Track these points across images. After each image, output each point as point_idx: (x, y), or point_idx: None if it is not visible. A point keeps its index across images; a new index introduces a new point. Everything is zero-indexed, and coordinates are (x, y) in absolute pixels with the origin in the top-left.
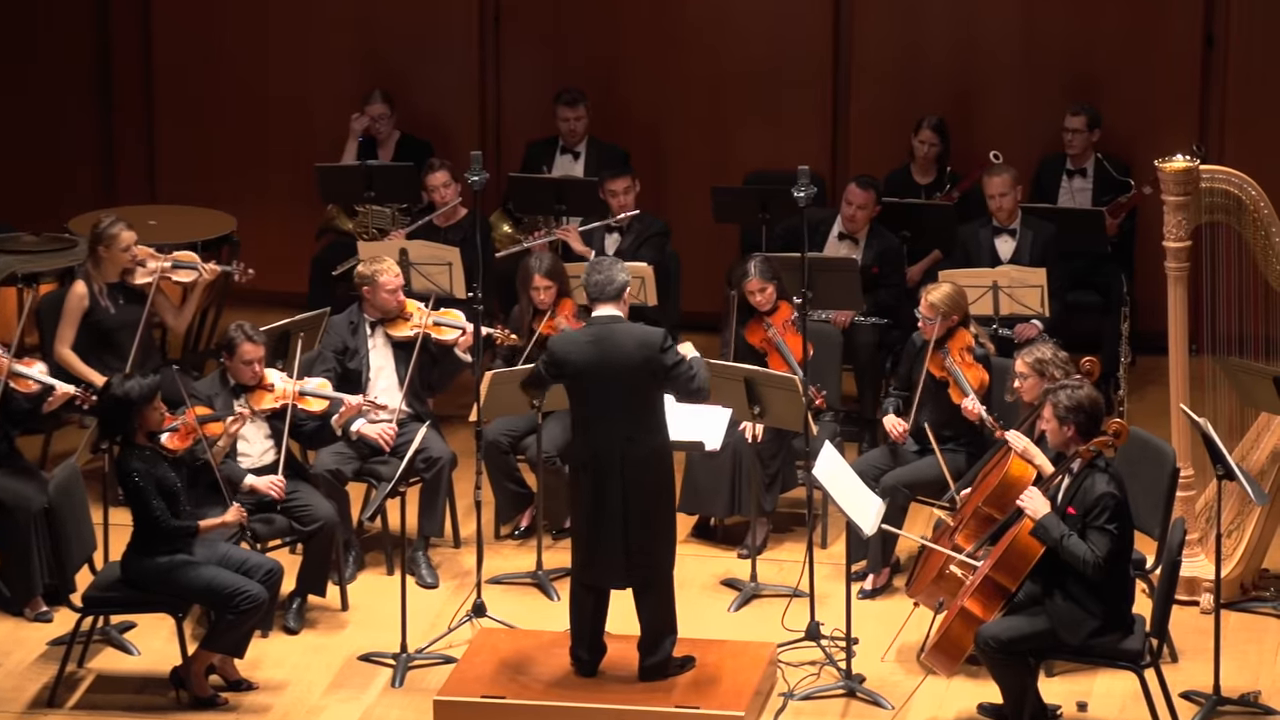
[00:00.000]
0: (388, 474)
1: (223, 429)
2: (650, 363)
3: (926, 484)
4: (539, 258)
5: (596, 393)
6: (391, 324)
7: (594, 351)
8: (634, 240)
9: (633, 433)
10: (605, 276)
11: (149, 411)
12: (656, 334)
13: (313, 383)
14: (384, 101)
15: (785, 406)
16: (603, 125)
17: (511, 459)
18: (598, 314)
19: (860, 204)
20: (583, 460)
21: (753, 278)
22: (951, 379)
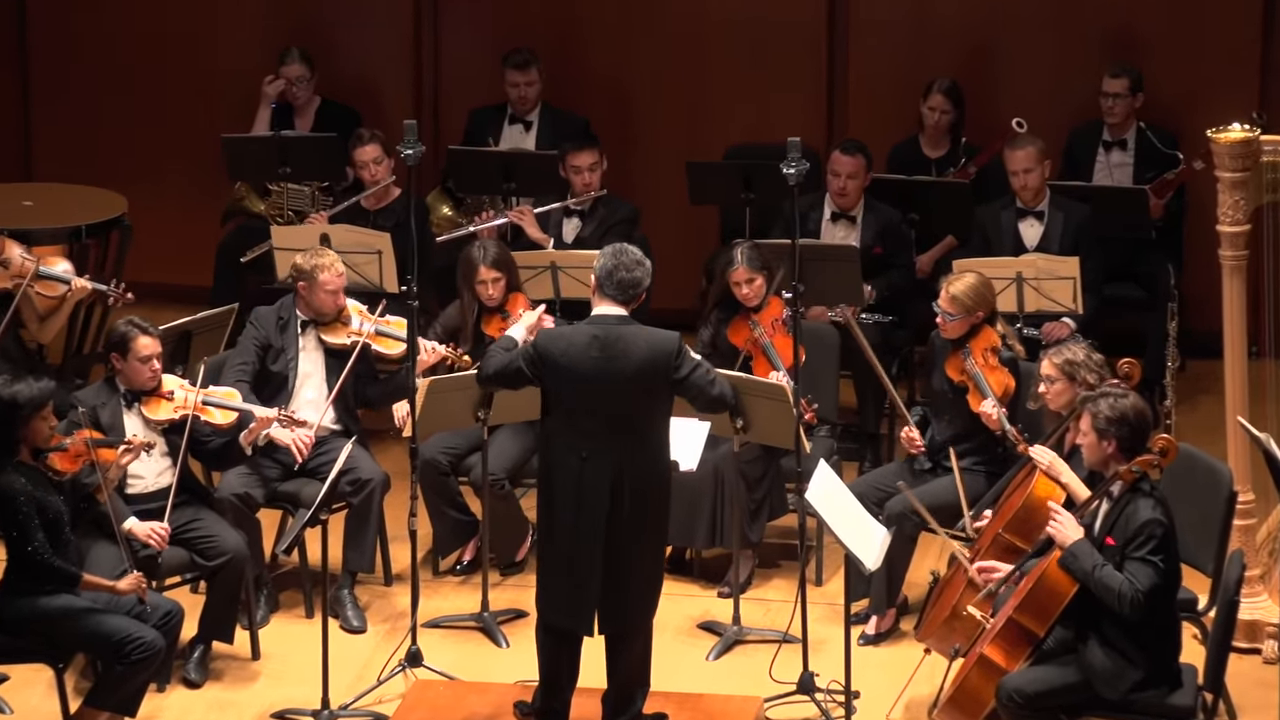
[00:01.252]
0: (307, 499)
1: (114, 456)
2: (660, 374)
3: (939, 509)
4: (483, 245)
5: (589, 405)
6: (327, 327)
7: (594, 357)
8: (598, 225)
9: (629, 454)
10: (631, 276)
11: (38, 422)
12: (670, 340)
13: (219, 391)
14: (302, 61)
15: (773, 419)
16: (559, 91)
17: (452, 482)
18: (602, 312)
19: (850, 172)
20: (561, 482)
21: (739, 266)
22: (971, 383)
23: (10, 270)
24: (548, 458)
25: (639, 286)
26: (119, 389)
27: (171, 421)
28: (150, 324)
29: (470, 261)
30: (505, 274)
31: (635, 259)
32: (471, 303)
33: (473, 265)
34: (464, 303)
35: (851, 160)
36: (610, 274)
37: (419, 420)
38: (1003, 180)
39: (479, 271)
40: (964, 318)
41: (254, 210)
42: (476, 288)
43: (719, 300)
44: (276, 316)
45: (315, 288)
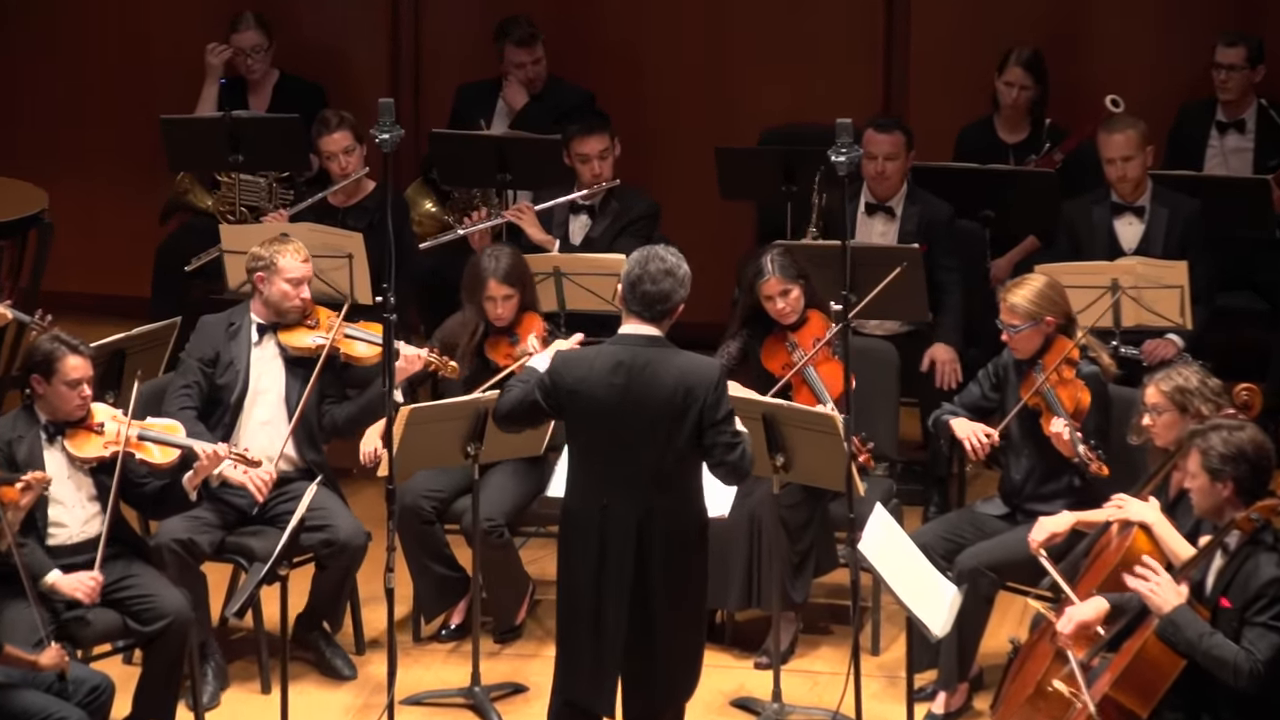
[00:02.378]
0: (262, 551)
1: (14, 496)
2: (694, 407)
3: (1020, 564)
4: (495, 254)
5: (609, 443)
6: (289, 330)
7: (618, 384)
8: (611, 224)
9: (656, 499)
10: (657, 289)
11: None
12: (710, 369)
13: (157, 424)
14: (257, 27)
15: (820, 455)
16: (560, 65)
17: (438, 531)
18: (630, 331)
19: (888, 153)
20: (580, 534)
21: (770, 276)
22: (1043, 403)
23: None
24: (566, 504)
25: (668, 300)
26: (39, 419)
27: (101, 459)
28: (80, 341)
29: (479, 273)
30: (519, 290)
31: (664, 267)
32: (475, 320)
33: (481, 278)
34: (466, 318)
35: (889, 138)
36: (634, 285)
37: (397, 456)
38: (1095, 170)
39: (488, 286)
40: (1031, 328)
41: (199, 206)
42: (484, 304)
43: (748, 316)
44: (226, 323)
45: (275, 277)
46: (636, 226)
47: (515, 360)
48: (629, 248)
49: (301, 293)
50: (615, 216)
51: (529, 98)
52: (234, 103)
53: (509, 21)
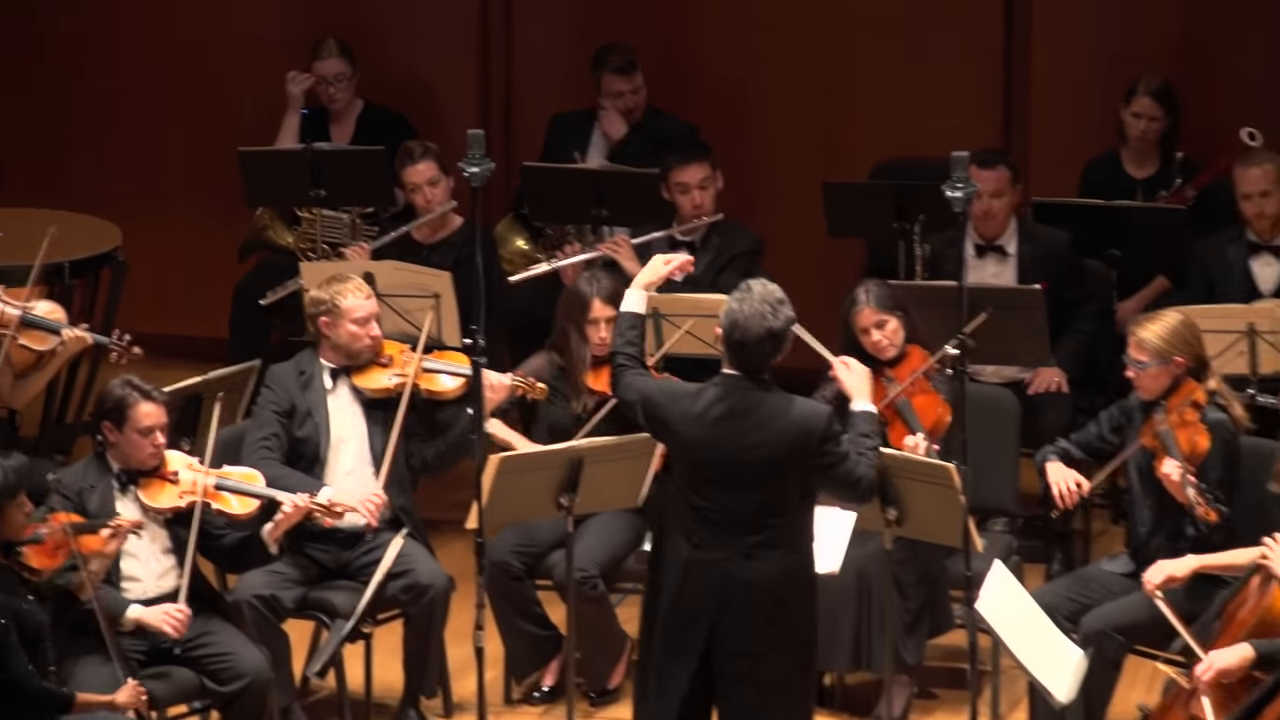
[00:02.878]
0: (345, 607)
1: (100, 544)
2: (797, 457)
3: (1149, 626)
4: (595, 277)
5: (707, 482)
6: (362, 372)
7: (715, 427)
8: (712, 260)
9: (753, 548)
10: (761, 351)
11: (12, 510)
12: (818, 418)
13: (236, 472)
14: (340, 55)
15: (934, 509)
16: (660, 96)
17: (529, 587)
18: (735, 371)
19: (993, 190)
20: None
21: (864, 307)
22: (1159, 444)
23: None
24: (658, 537)
25: (773, 358)
26: (111, 467)
27: (177, 510)
28: (153, 386)
29: (580, 297)
30: None
31: (762, 330)
32: (581, 347)
33: (583, 301)
34: (571, 349)
35: (993, 174)
36: (736, 347)
37: (486, 508)
38: (1229, 206)
39: (591, 307)
40: (1159, 366)
41: (279, 243)
42: (587, 329)
43: (845, 353)
44: (296, 371)
45: (340, 320)
46: (739, 263)
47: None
48: (732, 285)
49: (370, 331)
50: (717, 252)
51: (628, 129)
52: (315, 134)
53: (607, 49)
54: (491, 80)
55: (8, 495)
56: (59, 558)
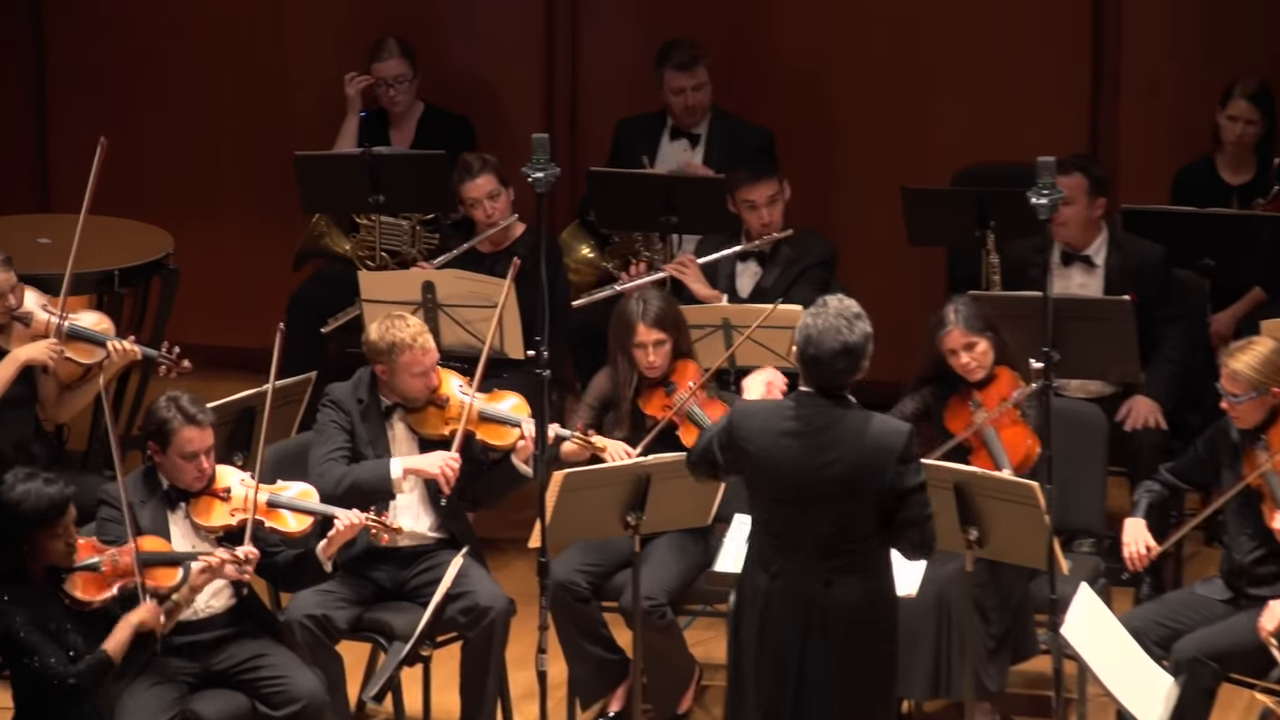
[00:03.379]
0: (403, 628)
1: (173, 579)
2: (877, 476)
3: (1246, 653)
4: (642, 297)
5: (786, 506)
6: (418, 414)
7: (792, 446)
8: (783, 272)
9: (835, 574)
10: (836, 369)
11: (48, 539)
12: (897, 435)
13: (290, 488)
14: (400, 55)
15: (1018, 529)
16: (731, 98)
17: (595, 608)
18: (811, 388)
19: (1065, 197)
20: (748, 604)
21: (952, 328)
22: (1266, 488)
23: (31, 329)
24: (743, 568)
25: (851, 376)
26: (160, 484)
27: (228, 528)
28: (200, 405)
29: (626, 319)
30: (671, 335)
31: (839, 345)
32: (629, 373)
33: (629, 324)
34: (619, 372)
35: (1067, 180)
36: (811, 364)
37: (550, 527)
38: None
39: (636, 331)
40: (1255, 398)
41: (336, 251)
42: (634, 352)
43: (932, 375)
44: (355, 397)
45: (397, 371)
46: (812, 273)
47: (673, 412)
48: (805, 297)
49: (428, 382)
50: (788, 263)
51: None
52: (375, 138)
53: (671, 44)
54: (557, 82)
55: (41, 525)
56: (110, 589)
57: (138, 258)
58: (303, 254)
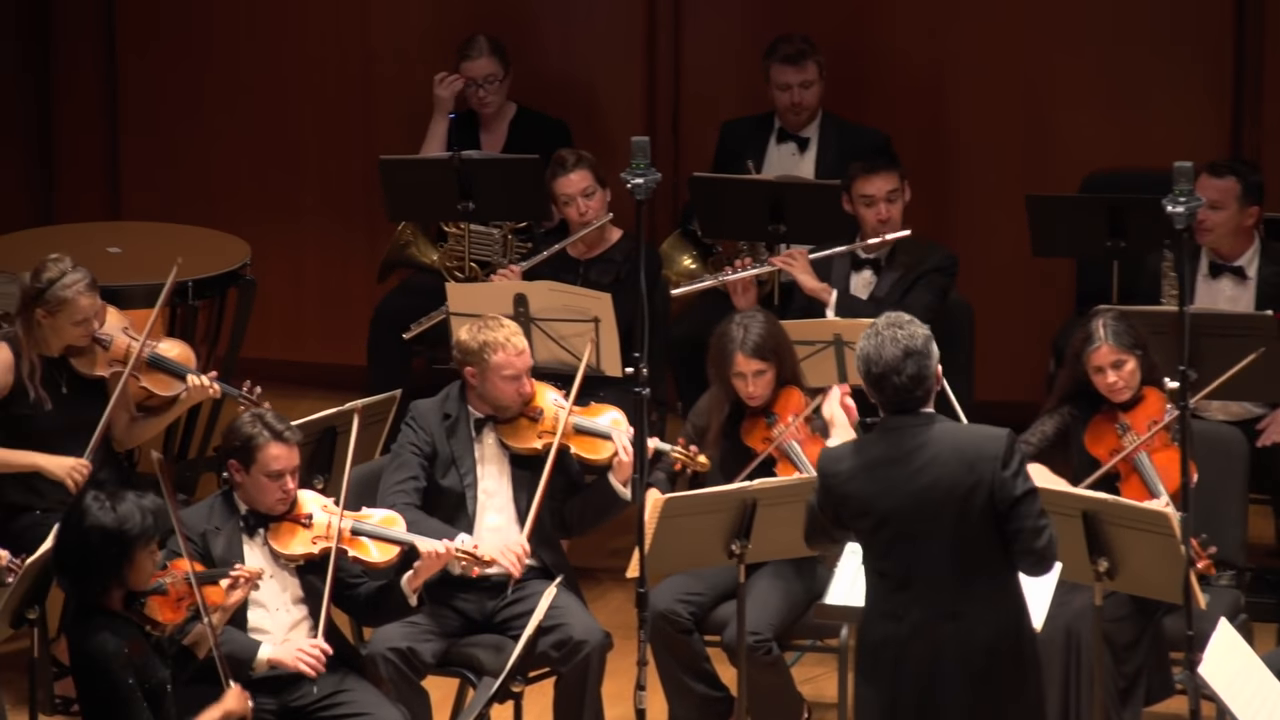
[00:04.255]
0: (493, 663)
1: (220, 597)
2: (981, 488)
3: None
4: (743, 323)
5: (897, 541)
6: (510, 426)
7: (885, 474)
8: (900, 278)
9: (962, 605)
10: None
11: (144, 556)
12: (995, 440)
13: (375, 515)
14: (492, 54)
15: (1152, 560)
16: (840, 97)
17: (697, 641)
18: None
19: (1214, 199)
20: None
21: (1101, 344)
22: None
23: (110, 352)
24: (862, 622)
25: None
26: (238, 508)
27: (309, 557)
28: (286, 424)
29: (724, 345)
30: (772, 363)
31: (901, 350)
32: (724, 400)
33: (727, 352)
34: (714, 399)
35: (1221, 185)
36: (878, 382)
37: (649, 555)
38: None
39: (735, 361)
40: None
41: (423, 261)
42: (733, 381)
43: (1072, 393)
44: (441, 413)
45: (488, 375)
46: (929, 280)
47: (774, 445)
48: (922, 304)
49: (521, 388)
50: (905, 270)
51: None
52: (464, 141)
53: (780, 39)
54: (658, 82)
55: (143, 540)
56: (182, 610)
57: (213, 268)
58: (387, 264)
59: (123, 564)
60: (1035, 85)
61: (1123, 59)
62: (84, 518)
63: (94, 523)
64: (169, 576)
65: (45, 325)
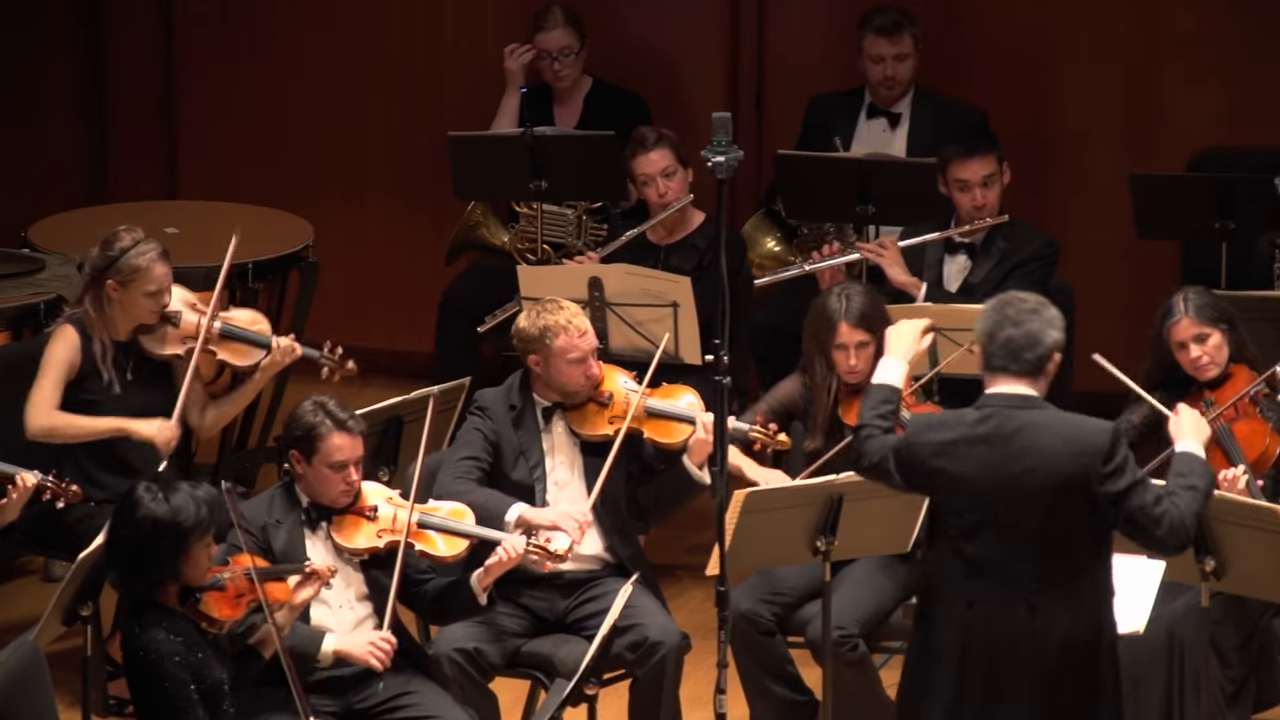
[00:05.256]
0: (566, 664)
1: (286, 594)
2: (1079, 485)
3: None
4: (845, 293)
5: (979, 526)
6: (579, 413)
7: (980, 456)
8: (996, 265)
9: (1039, 601)
10: (1022, 333)
11: (200, 549)
12: (1099, 434)
13: (443, 508)
14: (567, 25)
15: (1261, 558)
16: (938, 74)
17: (780, 643)
18: (999, 391)
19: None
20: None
21: (1181, 318)
22: None
23: (180, 329)
24: (924, 602)
25: (1039, 344)
26: (299, 501)
27: (374, 552)
28: (350, 414)
29: (826, 316)
30: (875, 337)
31: (1026, 307)
32: (827, 377)
33: (829, 322)
34: (816, 376)
35: None
36: (993, 335)
37: (730, 552)
38: None
39: (838, 331)
40: None
41: (493, 243)
42: (834, 354)
43: (1160, 379)
44: (506, 404)
45: (552, 361)
46: (1028, 269)
47: None
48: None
49: (588, 371)
50: (1002, 257)
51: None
52: (537, 116)
53: (875, 9)
54: (741, 55)
55: (198, 532)
56: (240, 607)
57: (274, 249)
58: (456, 246)
59: (177, 557)
60: (1141, 57)
61: (1236, 29)
62: (136, 509)
63: (146, 514)
64: (228, 572)
65: (116, 300)
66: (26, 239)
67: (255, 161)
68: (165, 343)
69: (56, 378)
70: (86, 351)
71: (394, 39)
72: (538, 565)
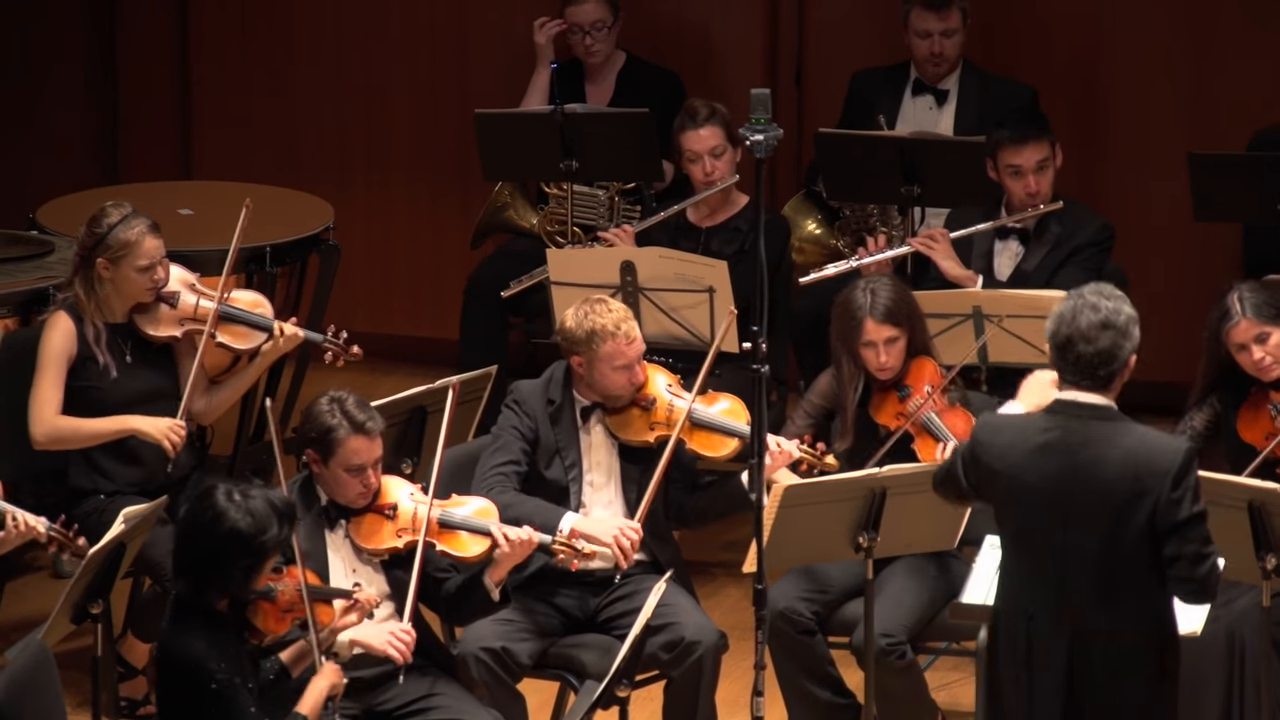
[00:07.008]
0: (596, 665)
1: (330, 617)
2: (1145, 503)
3: None
4: (870, 286)
5: (1040, 535)
6: (620, 416)
7: (1047, 467)
8: (1050, 252)
9: (1097, 613)
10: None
11: (270, 565)
12: (1170, 453)
13: (467, 505)
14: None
15: None
16: (987, 49)
17: (820, 643)
18: (1071, 398)
19: None
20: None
21: (1239, 319)
22: None
23: (177, 311)
24: (995, 604)
25: (1113, 361)
26: (318, 497)
27: (394, 551)
28: (368, 410)
29: (851, 311)
30: (905, 330)
31: (1099, 318)
32: (854, 374)
33: (854, 318)
34: (843, 374)
35: None
36: (1064, 348)
37: (768, 548)
38: None
39: (864, 328)
40: None
41: (521, 226)
42: (862, 352)
43: (1217, 380)
44: (544, 398)
45: (597, 365)
46: (1083, 256)
47: (909, 419)
48: (1074, 281)
49: (633, 378)
50: (1056, 242)
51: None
52: (568, 93)
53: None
54: (781, 29)
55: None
56: (286, 622)
57: (293, 232)
58: (483, 229)
59: (251, 574)
60: (1199, 31)
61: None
62: (220, 521)
63: (232, 527)
64: (280, 583)
65: (108, 279)
66: (35, 220)
67: (273, 140)
68: (162, 324)
69: (56, 377)
70: (82, 337)
71: (419, 10)
72: (565, 563)
